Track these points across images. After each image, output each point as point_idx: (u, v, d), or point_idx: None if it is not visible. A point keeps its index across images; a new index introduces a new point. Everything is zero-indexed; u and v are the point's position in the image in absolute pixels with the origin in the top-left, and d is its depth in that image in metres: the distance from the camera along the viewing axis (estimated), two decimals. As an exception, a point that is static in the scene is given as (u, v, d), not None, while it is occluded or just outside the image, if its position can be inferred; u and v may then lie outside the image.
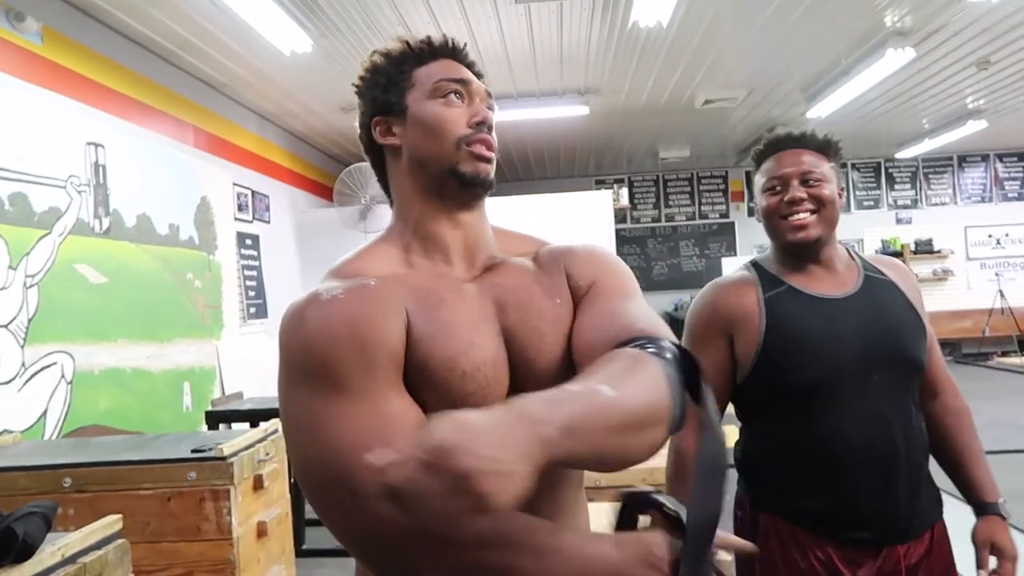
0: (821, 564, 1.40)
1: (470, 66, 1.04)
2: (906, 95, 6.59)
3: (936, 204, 10.18)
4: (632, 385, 0.75)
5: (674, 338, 0.87)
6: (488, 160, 0.97)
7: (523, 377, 0.92)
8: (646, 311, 0.93)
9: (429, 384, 0.86)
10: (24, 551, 1.26)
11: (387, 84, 1.01)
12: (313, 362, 0.84)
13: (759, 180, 1.55)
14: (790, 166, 1.48)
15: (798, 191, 1.45)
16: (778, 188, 1.49)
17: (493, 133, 0.99)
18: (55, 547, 1.35)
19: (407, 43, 1.03)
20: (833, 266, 1.51)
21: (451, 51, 1.03)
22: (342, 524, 0.82)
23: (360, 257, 0.98)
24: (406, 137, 0.99)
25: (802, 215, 1.45)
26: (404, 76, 1.00)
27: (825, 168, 1.49)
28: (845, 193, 1.57)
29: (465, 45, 1.06)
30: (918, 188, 10.17)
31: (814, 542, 1.40)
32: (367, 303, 0.87)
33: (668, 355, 0.81)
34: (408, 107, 0.99)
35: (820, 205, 1.46)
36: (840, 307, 1.45)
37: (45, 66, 3.44)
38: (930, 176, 10.17)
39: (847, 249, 1.58)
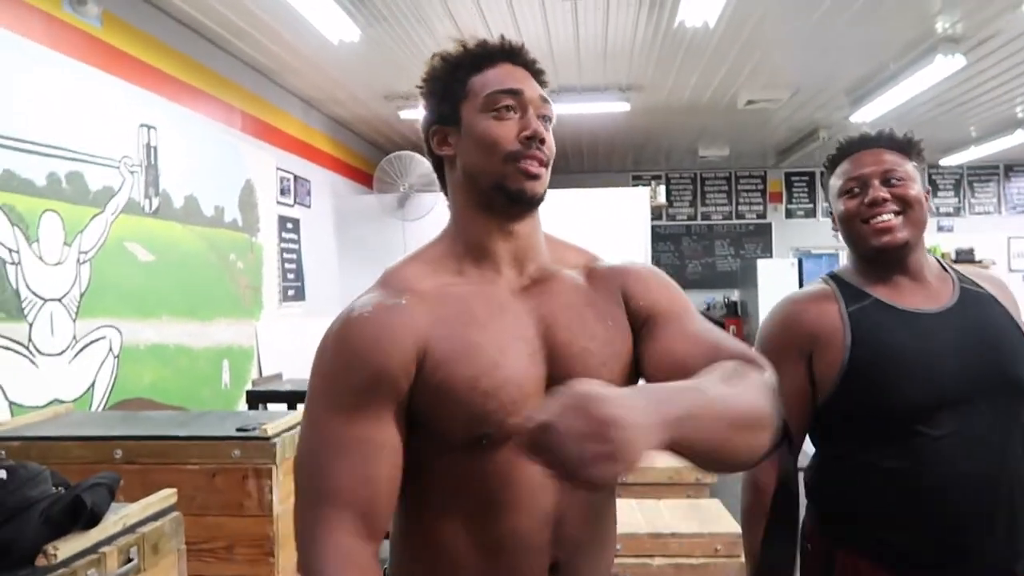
0: None
1: (530, 66, 1.03)
2: (954, 102, 6.48)
3: (980, 213, 9.99)
4: (742, 387, 0.79)
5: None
6: (536, 176, 0.97)
7: None
8: (727, 334, 0.97)
9: (452, 401, 0.90)
10: (91, 520, 1.34)
11: (443, 93, 1.02)
12: (323, 376, 0.93)
13: (834, 183, 1.42)
14: (870, 165, 1.36)
15: (880, 191, 1.33)
16: (856, 190, 1.36)
17: (547, 143, 0.98)
18: (117, 516, 1.43)
19: (464, 46, 1.02)
20: (923, 277, 1.37)
21: (508, 54, 1.02)
22: (299, 540, 0.90)
23: (412, 263, 1.02)
24: (460, 148, 1.00)
25: (886, 216, 1.32)
26: (460, 84, 1.01)
27: (908, 167, 1.36)
28: (931, 196, 1.42)
29: (522, 46, 1.03)
30: (961, 196, 9.99)
31: None
32: (387, 328, 0.91)
33: (767, 372, 0.86)
34: (462, 119, 1.00)
35: (906, 206, 1.33)
36: (935, 322, 1.31)
37: (103, 49, 3.54)
38: (974, 184, 9.98)
39: (937, 260, 1.44)
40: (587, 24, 4.55)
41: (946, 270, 1.42)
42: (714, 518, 2.48)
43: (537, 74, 1.03)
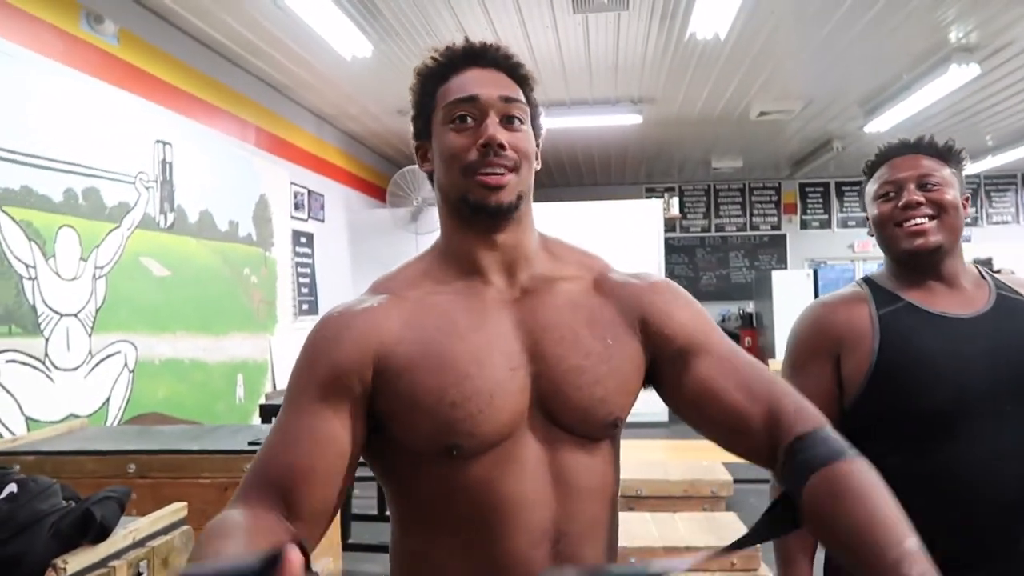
0: None
1: (500, 63, 0.99)
2: (969, 111, 6.44)
3: (997, 223, 9.90)
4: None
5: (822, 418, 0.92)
6: (497, 187, 0.93)
7: (558, 410, 0.92)
8: (772, 375, 0.96)
9: (418, 409, 0.88)
10: (100, 533, 1.34)
11: (419, 107, 1.01)
12: (292, 372, 0.94)
13: (871, 188, 1.41)
14: (906, 170, 1.36)
15: (915, 194, 1.32)
16: (892, 194, 1.36)
17: (514, 145, 0.94)
18: (127, 530, 1.43)
19: (433, 56, 1.00)
20: (958, 283, 1.36)
21: (472, 57, 0.99)
22: None
23: (403, 270, 1.01)
24: (435, 163, 0.99)
25: (919, 220, 1.32)
26: (429, 97, 0.99)
27: (945, 173, 1.36)
28: (970, 204, 1.40)
29: (488, 45, 0.99)
30: (979, 206, 9.90)
31: None
32: (348, 328, 0.91)
33: (826, 424, 0.90)
34: (432, 133, 0.99)
35: (941, 210, 1.32)
36: (968, 327, 1.29)
37: (120, 66, 3.59)
38: (992, 194, 9.90)
39: (976, 267, 1.42)
40: (598, 37, 4.57)
41: (984, 277, 1.40)
42: (731, 531, 2.45)
43: (512, 70, 0.99)
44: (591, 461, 0.94)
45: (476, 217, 0.95)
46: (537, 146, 1.02)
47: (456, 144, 0.94)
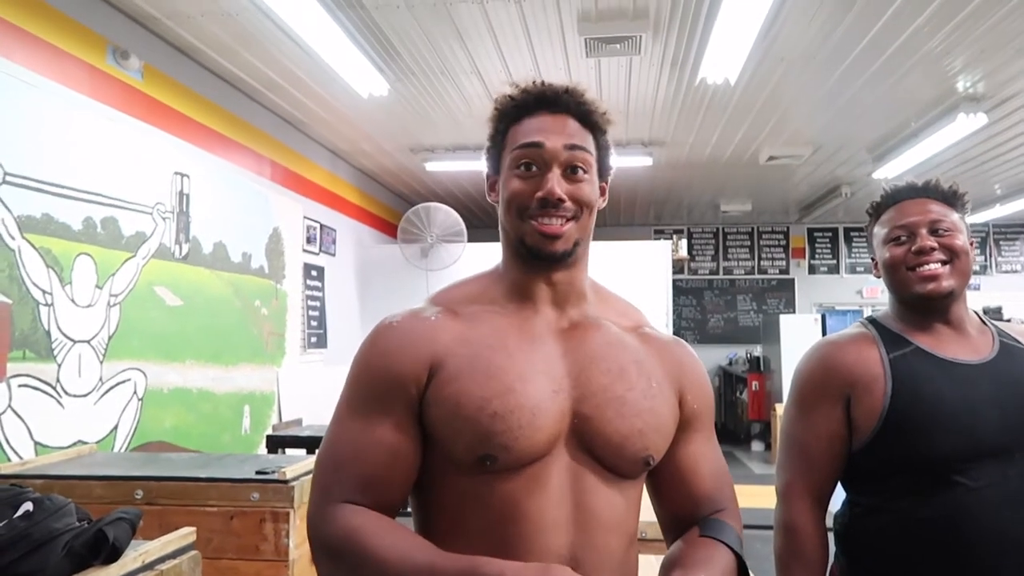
0: None
1: (572, 109, 1.02)
2: (977, 159, 6.49)
3: (1007, 271, 9.89)
4: None
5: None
6: (554, 236, 0.97)
7: (594, 437, 0.95)
8: (727, 475, 1.10)
9: (460, 417, 0.91)
10: (112, 554, 1.35)
11: (492, 143, 1.06)
12: (352, 377, 0.99)
13: (879, 232, 1.43)
14: (917, 214, 1.37)
15: (928, 240, 1.34)
16: (903, 238, 1.37)
17: (575, 196, 0.98)
18: (137, 553, 1.44)
19: (510, 95, 1.04)
20: (964, 328, 1.37)
21: (544, 102, 1.02)
22: (308, 514, 0.96)
23: (460, 287, 1.07)
24: (500, 200, 1.04)
25: (933, 265, 1.33)
26: (501, 136, 1.04)
27: (954, 218, 1.37)
28: (975, 248, 1.44)
29: (561, 89, 1.03)
30: (988, 254, 9.90)
31: None
32: (407, 336, 0.96)
33: (738, 527, 1.04)
34: (501, 169, 1.04)
35: (953, 255, 1.34)
36: (977, 374, 1.30)
37: (143, 100, 3.68)
38: (1001, 243, 9.90)
39: (976, 313, 1.44)
40: (610, 80, 4.65)
41: (985, 324, 1.42)
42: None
43: (584, 116, 1.03)
44: (615, 497, 0.97)
45: (530, 258, 1.00)
46: (605, 183, 1.08)
47: (518, 189, 0.99)
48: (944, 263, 1.34)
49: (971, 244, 1.40)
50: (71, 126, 3.14)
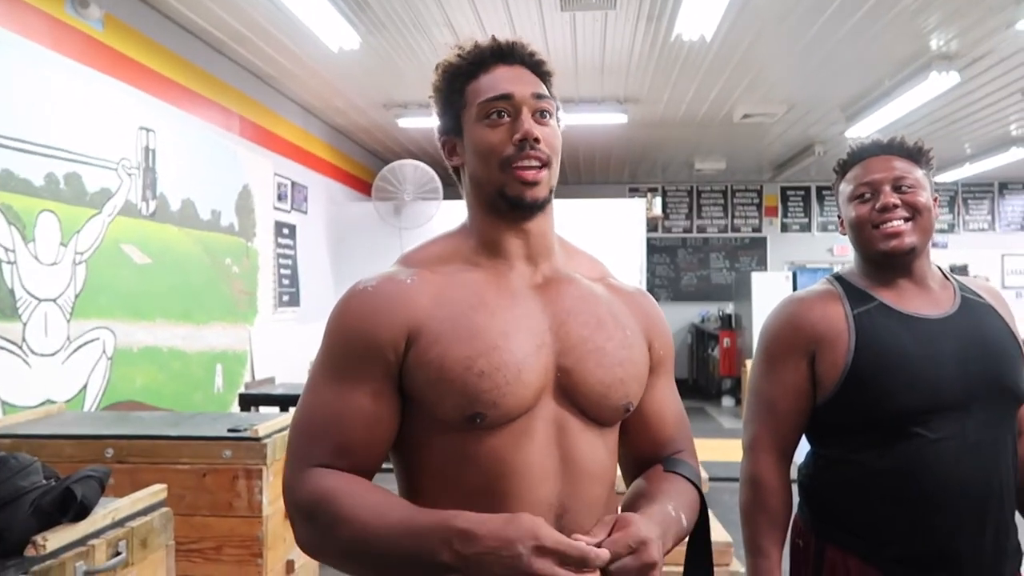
0: None
1: (526, 60, 1.04)
2: (948, 119, 6.54)
3: (974, 230, 10.06)
4: (690, 517, 1.02)
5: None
6: (534, 183, 0.98)
7: (577, 388, 0.97)
8: (685, 417, 1.15)
9: (446, 379, 0.92)
10: (80, 511, 1.35)
11: (445, 104, 1.05)
12: (327, 343, 0.98)
13: (844, 189, 1.44)
14: (881, 171, 1.38)
15: (891, 197, 1.36)
16: (868, 195, 1.39)
17: (545, 140, 0.99)
18: (106, 510, 1.44)
19: (459, 54, 1.04)
20: (926, 283, 1.40)
21: (500, 55, 1.03)
22: (284, 478, 0.97)
23: (429, 247, 1.06)
24: (466, 157, 1.03)
25: (896, 222, 1.35)
26: (458, 95, 1.03)
27: (918, 175, 1.39)
28: (939, 204, 1.44)
29: (514, 43, 1.04)
30: (956, 213, 10.05)
31: None
32: (384, 302, 0.96)
33: (697, 467, 1.10)
34: (463, 129, 1.03)
35: (915, 212, 1.36)
36: (938, 328, 1.34)
37: (104, 52, 3.57)
38: (969, 201, 10.05)
39: (939, 268, 1.46)
40: (585, 36, 4.59)
41: (948, 279, 1.44)
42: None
43: (536, 67, 1.05)
44: (597, 445, 1.01)
45: (511, 210, 1.00)
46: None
47: (493, 139, 0.99)
48: (907, 220, 1.36)
49: (935, 200, 1.41)
50: (29, 78, 3.04)
